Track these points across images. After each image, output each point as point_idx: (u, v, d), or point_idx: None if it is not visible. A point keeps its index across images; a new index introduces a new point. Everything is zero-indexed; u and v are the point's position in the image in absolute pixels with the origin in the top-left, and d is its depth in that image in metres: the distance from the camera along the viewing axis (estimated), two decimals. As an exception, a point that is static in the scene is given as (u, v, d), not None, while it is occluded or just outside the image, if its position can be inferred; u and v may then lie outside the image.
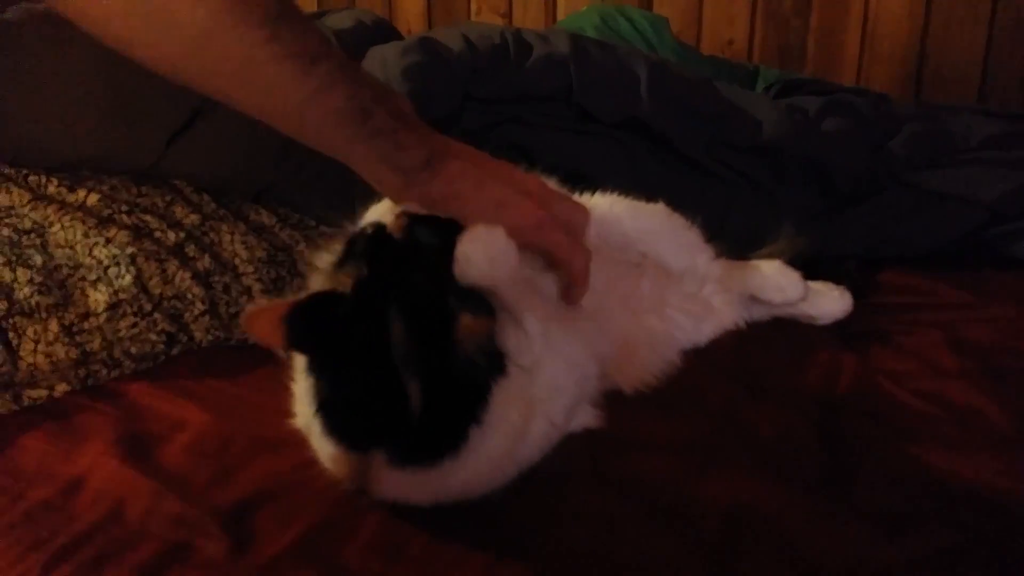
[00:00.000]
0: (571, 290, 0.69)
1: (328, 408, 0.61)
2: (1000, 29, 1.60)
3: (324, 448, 0.62)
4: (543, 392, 0.64)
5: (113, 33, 0.60)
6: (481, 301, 0.57)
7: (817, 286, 0.93)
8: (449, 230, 0.61)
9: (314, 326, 0.59)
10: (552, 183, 0.86)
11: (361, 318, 0.58)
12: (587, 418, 0.71)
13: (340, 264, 0.63)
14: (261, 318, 0.59)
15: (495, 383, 0.59)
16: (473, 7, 1.91)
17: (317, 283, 0.63)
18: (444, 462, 0.59)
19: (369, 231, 0.62)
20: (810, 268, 0.94)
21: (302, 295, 0.60)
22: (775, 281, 0.90)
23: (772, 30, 1.75)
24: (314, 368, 0.61)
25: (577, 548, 0.61)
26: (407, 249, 0.60)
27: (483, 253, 0.60)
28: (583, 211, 0.70)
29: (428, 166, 0.64)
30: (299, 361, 0.64)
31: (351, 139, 0.62)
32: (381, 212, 0.66)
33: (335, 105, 0.61)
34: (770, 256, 0.97)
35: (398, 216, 0.62)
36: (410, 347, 0.57)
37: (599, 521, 0.63)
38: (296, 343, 0.60)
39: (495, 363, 0.59)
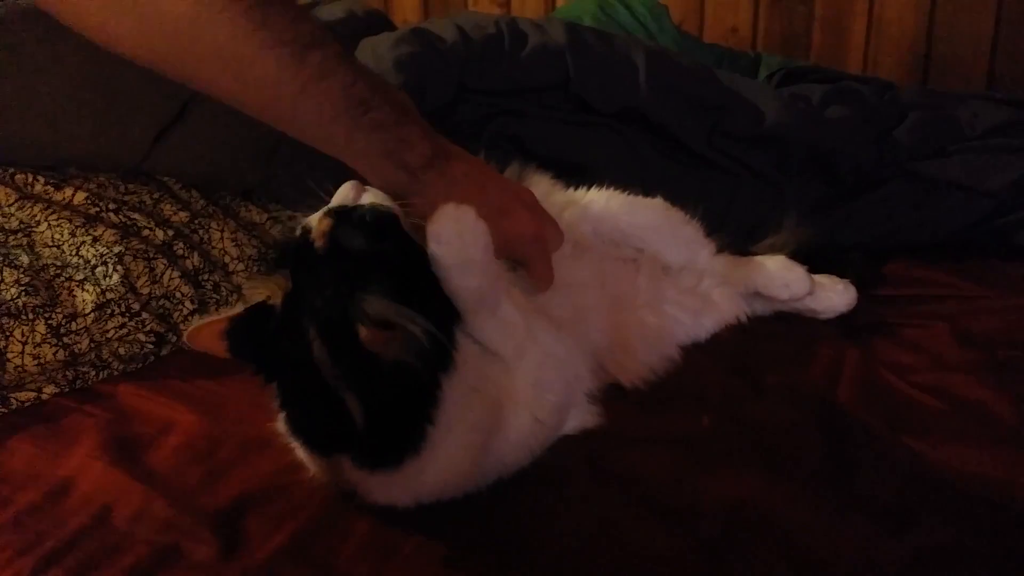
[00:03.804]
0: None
1: (287, 411, 0.61)
2: (1007, 15, 1.58)
3: (298, 448, 0.62)
4: (526, 385, 0.63)
5: (95, 25, 0.58)
6: (382, 305, 0.55)
7: (821, 279, 0.91)
8: (374, 226, 0.59)
9: (252, 339, 0.59)
10: (548, 179, 0.85)
11: (288, 336, 0.58)
12: (585, 418, 0.70)
13: (277, 264, 0.61)
14: (203, 332, 0.60)
15: (444, 379, 0.58)
16: (470, -4, 1.89)
17: (258, 285, 0.61)
18: (407, 463, 0.58)
19: (297, 235, 0.61)
20: (814, 260, 0.92)
21: (240, 309, 0.60)
22: (781, 277, 0.88)
23: (776, 17, 1.72)
24: (264, 375, 0.61)
25: (575, 546, 0.60)
26: (325, 259, 0.59)
27: (453, 230, 0.58)
28: (561, 235, 0.70)
29: (432, 165, 0.62)
30: None
31: (350, 132, 0.60)
32: (343, 196, 0.63)
33: (331, 95, 0.59)
34: (772, 248, 0.96)
35: (322, 219, 0.60)
36: (333, 364, 0.56)
37: (597, 518, 0.62)
38: (238, 354, 0.61)
39: (436, 360, 0.57)
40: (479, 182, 0.64)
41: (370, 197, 0.61)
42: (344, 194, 0.62)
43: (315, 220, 0.60)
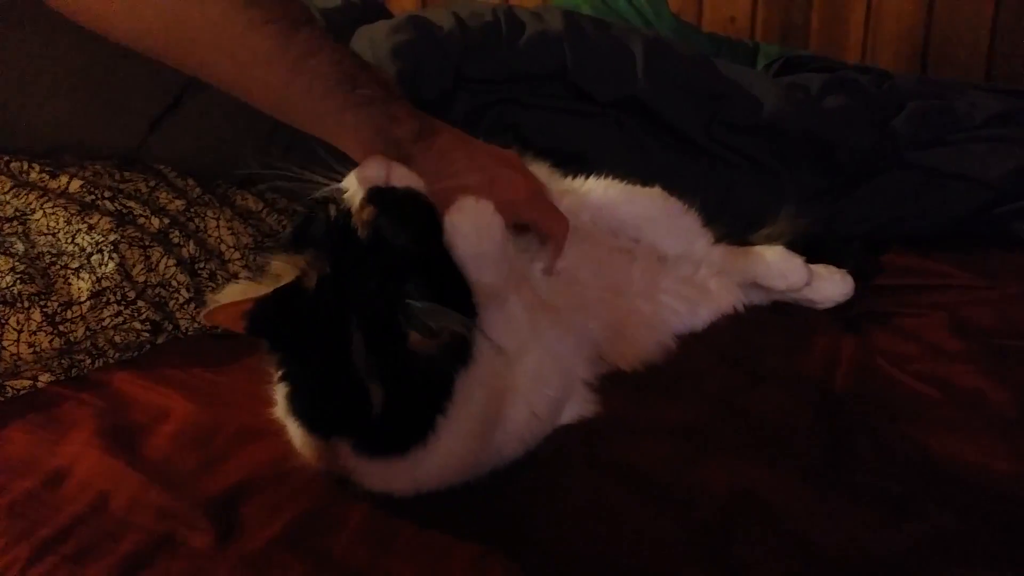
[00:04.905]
0: (552, 257, 0.69)
1: (290, 388, 0.61)
2: (1006, 4, 1.57)
3: (293, 430, 0.62)
4: (525, 380, 0.63)
5: (85, 9, 0.58)
6: (432, 313, 0.55)
7: (819, 269, 0.91)
8: (417, 221, 0.59)
9: (276, 319, 0.59)
10: (546, 167, 0.84)
11: (323, 322, 0.57)
12: (583, 408, 0.70)
13: (298, 241, 0.61)
14: (225, 312, 0.59)
15: (457, 373, 0.58)
16: (469, -14, 1.88)
17: (286, 262, 0.60)
18: (412, 452, 0.58)
19: (333, 215, 0.60)
20: (812, 250, 0.92)
21: (266, 290, 0.59)
22: (778, 268, 0.88)
23: (775, 7, 1.72)
24: (277, 350, 0.61)
25: (570, 534, 0.60)
26: (369, 250, 0.58)
27: (471, 224, 0.59)
28: (549, 192, 0.70)
29: (420, 138, 0.63)
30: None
31: (340, 108, 0.60)
32: (374, 174, 0.61)
33: (321, 71, 0.59)
34: (771, 237, 0.96)
35: (363, 205, 0.59)
36: (370, 357, 0.56)
37: (593, 507, 0.62)
38: (257, 334, 0.60)
39: (457, 354, 0.58)
40: (467, 152, 0.65)
41: (400, 175, 0.60)
42: (375, 171, 0.60)
43: (355, 203, 0.59)
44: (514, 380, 0.63)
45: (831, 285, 0.91)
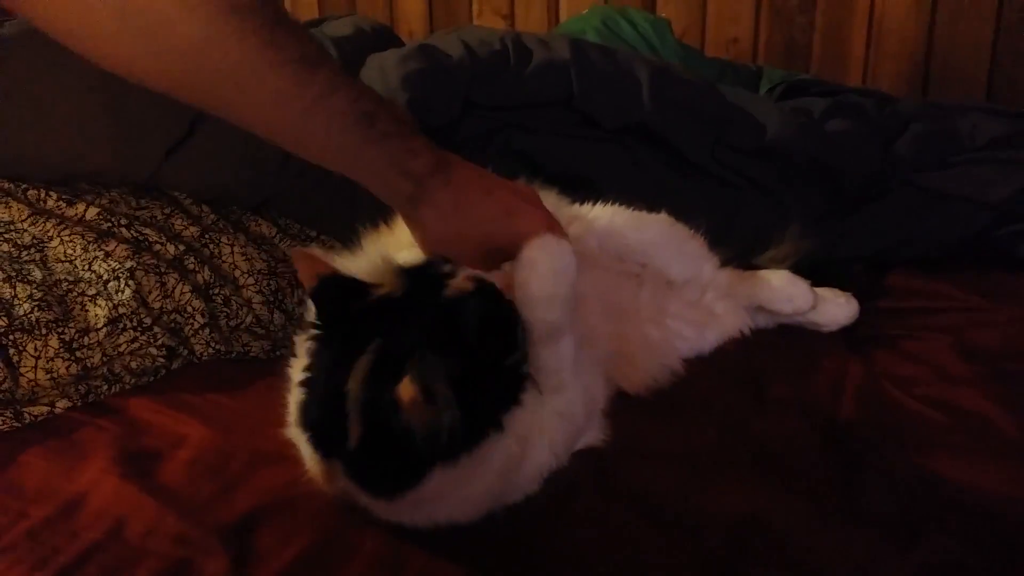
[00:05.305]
0: None
1: (304, 396, 0.60)
2: (1007, 25, 1.59)
3: (302, 444, 0.62)
4: (552, 414, 0.62)
5: (106, 54, 0.59)
6: (434, 375, 0.54)
7: (824, 292, 0.92)
8: (495, 319, 0.58)
9: (336, 303, 0.59)
10: (554, 193, 0.86)
11: (359, 332, 0.57)
12: (595, 436, 0.70)
13: (402, 266, 0.61)
14: (308, 262, 0.61)
15: (438, 464, 0.56)
16: (475, 9, 1.91)
17: (371, 258, 0.61)
18: (401, 496, 0.58)
19: (450, 273, 0.60)
20: (816, 272, 0.93)
21: (351, 270, 0.60)
22: (784, 292, 0.89)
23: (777, 27, 1.74)
24: (315, 336, 0.61)
25: (581, 561, 0.60)
26: (439, 308, 0.58)
27: (548, 264, 0.59)
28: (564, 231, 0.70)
29: (437, 173, 0.63)
30: (295, 368, 0.64)
31: (359, 144, 0.61)
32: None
33: (340, 109, 0.60)
34: (775, 260, 0.97)
35: (470, 278, 0.60)
36: (364, 387, 0.55)
37: (602, 534, 0.63)
38: (316, 298, 0.61)
39: (440, 448, 0.56)
40: (483, 186, 0.65)
41: None
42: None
43: (460, 272, 0.61)
44: (540, 418, 0.62)
45: (836, 308, 0.92)
